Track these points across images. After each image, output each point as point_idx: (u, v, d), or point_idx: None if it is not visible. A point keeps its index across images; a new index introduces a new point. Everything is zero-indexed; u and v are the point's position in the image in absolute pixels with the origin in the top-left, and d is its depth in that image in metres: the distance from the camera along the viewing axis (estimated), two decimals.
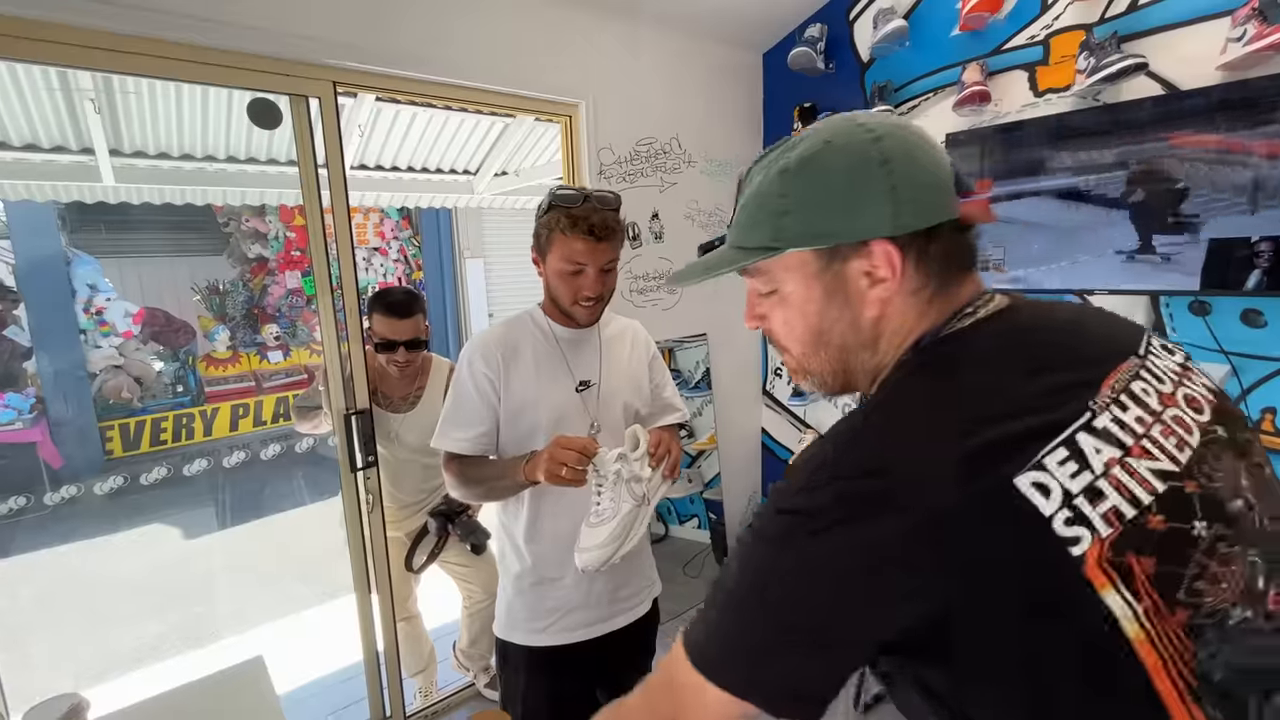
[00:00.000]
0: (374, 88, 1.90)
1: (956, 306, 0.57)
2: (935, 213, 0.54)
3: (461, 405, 1.21)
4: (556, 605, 1.25)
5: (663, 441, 1.13)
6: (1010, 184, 2.00)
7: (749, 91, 2.84)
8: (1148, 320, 1.87)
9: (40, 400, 5.15)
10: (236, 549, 4.12)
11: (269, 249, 6.40)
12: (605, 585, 1.27)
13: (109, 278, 5.56)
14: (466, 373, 1.21)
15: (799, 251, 0.57)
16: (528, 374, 1.21)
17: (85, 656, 2.92)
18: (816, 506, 0.49)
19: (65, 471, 5.04)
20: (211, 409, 6.00)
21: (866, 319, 0.58)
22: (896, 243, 0.54)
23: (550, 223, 1.15)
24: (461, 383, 1.21)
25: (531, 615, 1.25)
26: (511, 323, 1.27)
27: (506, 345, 1.21)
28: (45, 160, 3.43)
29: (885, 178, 0.53)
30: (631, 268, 2.50)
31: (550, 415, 1.20)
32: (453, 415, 1.22)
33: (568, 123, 2.30)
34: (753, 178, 0.61)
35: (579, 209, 1.14)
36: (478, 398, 1.20)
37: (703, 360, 2.83)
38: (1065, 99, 1.93)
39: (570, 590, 1.25)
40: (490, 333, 1.24)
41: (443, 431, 1.22)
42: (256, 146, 3.83)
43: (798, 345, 0.63)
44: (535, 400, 1.20)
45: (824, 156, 0.55)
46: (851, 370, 0.62)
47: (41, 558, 3.98)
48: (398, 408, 1.98)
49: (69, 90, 3.00)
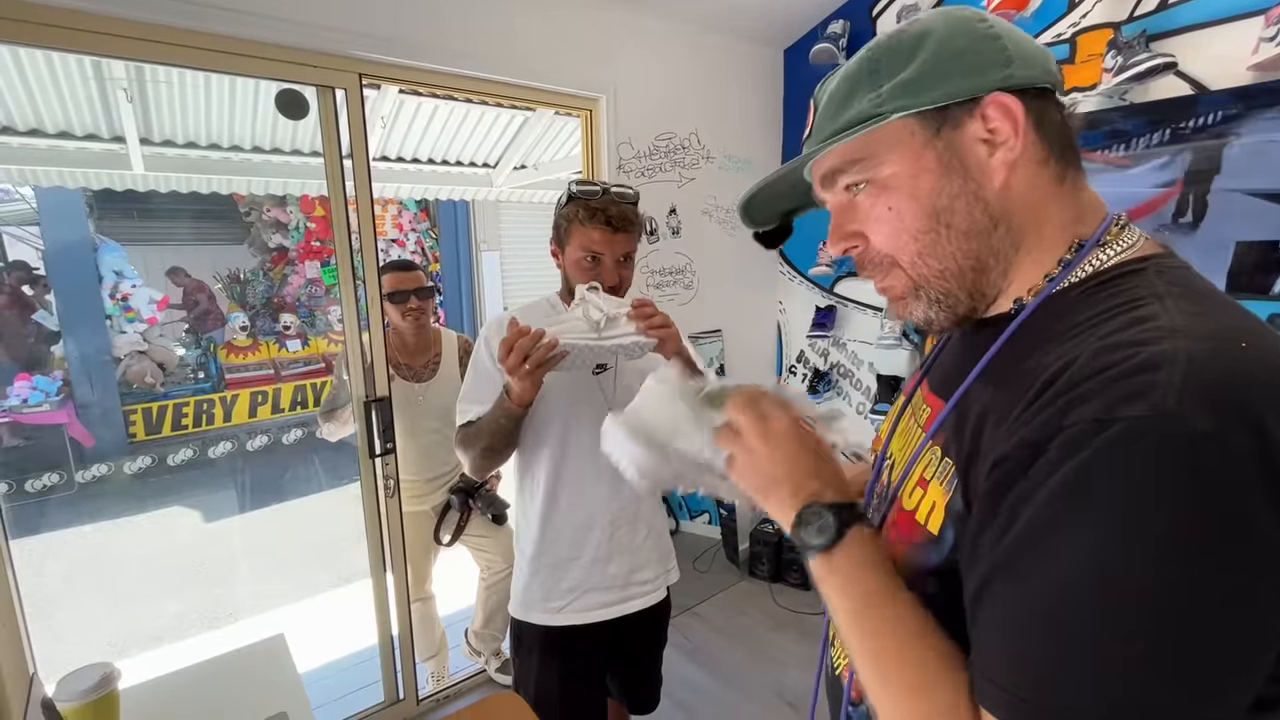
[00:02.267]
0: (399, 80, 1.92)
1: (1099, 213, 0.50)
2: (1047, 75, 0.48)
3: (478, 381, 1.24)
4: (572, 586, 1.27)
5: (650, 306, 1.09)
6: None
7: (769, 88, 2.83)
8: None
9: (67, 383, 5.27)
10: (256, 532, 4.20)
11: (289, 239, 6.49)
12: (621, 567, 1.29)
13: (133, 265, 5.67)
14: (484, 350, 1.24)
15: (904, 119, 0.48)
16: None
17: (110, 631, 3.00)
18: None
19: (93, 452, 5.16)
20: (231, 395, 6.11)
21: (992, 190, 0.48)
22: (1016, 97, 0.47)
23: (569, 214, 1.18)
24: (479, 360, 1.25)
25: (547, 595, 1.27)
26: (531, 306, 1.29)
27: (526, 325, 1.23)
28: (78, 148, 3.50)
29: (993, 40, 0.48)
30: (649, 263, 2.51)
31: (567, 398, 1.22)
32: (470, 391, 1.25)
33: (588, 116, 2.31)
34: (827, 84, 0.54)
35: (598, 201, 1.16)
36: (496, 373, 1.21)
37: (717, 356, 2.84)
38: (1091, 98, 1.91)
39: (586, 571, 1.27)
40: (509, 313, 1.25)
41: (461, 408, 1.25)
42: (281, 137, 3.89)
43: (912, 241, 0.50)
44: (552, 383, 1.21)
45: (921, 26, 0.49)
46: (986, 266, 0.50)
47: (69, 536, 4.09)
48: (420, 376, 2.04)
49: (102, 79, 3.06)
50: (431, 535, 2.11)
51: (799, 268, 2.92)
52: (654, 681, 1.50)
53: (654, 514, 1.36)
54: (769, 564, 2.89)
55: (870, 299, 2.63)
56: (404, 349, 2.04)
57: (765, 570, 2.91)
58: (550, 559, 1.27)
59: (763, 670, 2.30)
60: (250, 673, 1.18)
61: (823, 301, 2.81)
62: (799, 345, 2.97)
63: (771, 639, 2.49)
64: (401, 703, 2.09)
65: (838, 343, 2.79)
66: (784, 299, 3.01)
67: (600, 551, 1.27)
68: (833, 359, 2.82)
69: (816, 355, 2.90)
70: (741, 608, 2.71)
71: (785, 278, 2.99)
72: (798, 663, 2.34)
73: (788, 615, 2.65)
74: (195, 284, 6.17)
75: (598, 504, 1.25)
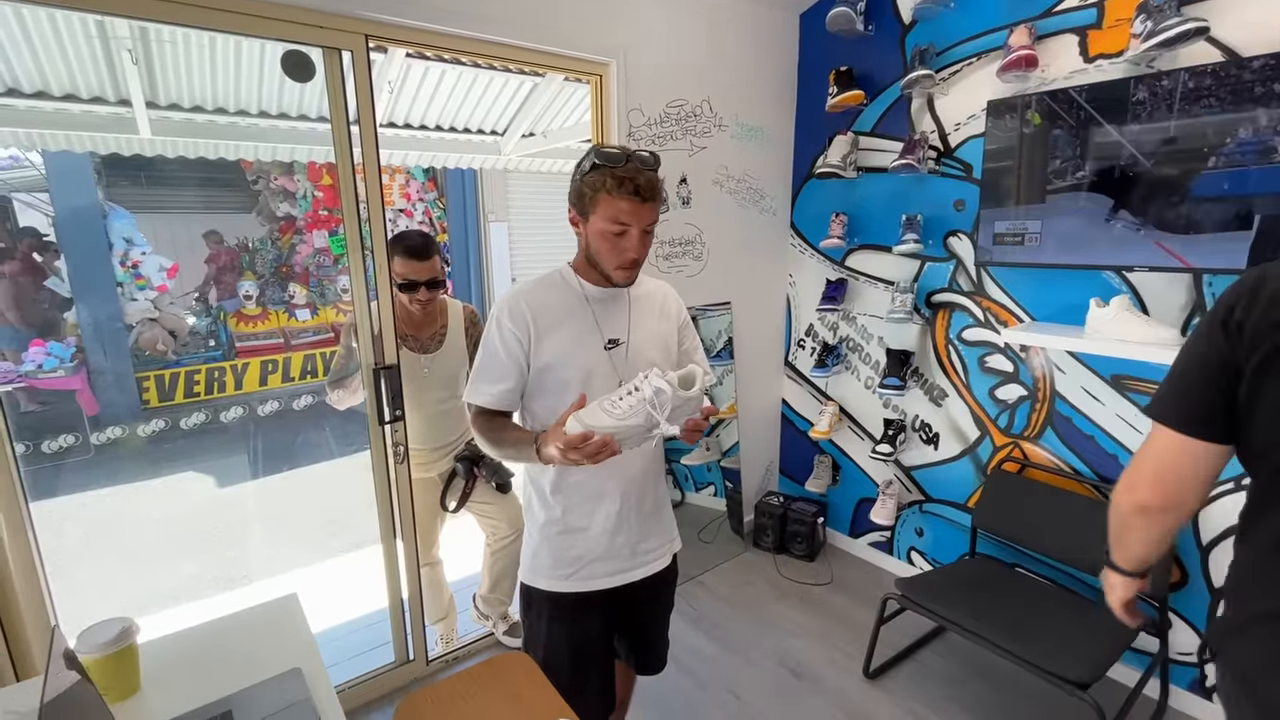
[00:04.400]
0: (406, 42, 1.88)
1: None
2: None
3: (490, 360, 1.23)
4: (581, 554, 1.28)
5: (700, 420, 1.12)
6: (1053, 154, 1.93)
7: (784, 53, 2.76)
8: (1188, 300, 1.82)
9: (80, 350, 5.33)
10: (267, 498, 4.28)
11: (297, 208, 6.47)
12: (628, 538, 1.30)
13: (142, 232, 5.68)
14: (495, 329, 1.21)
15: None
16: (558, 331, 1.21)
17: (128, 590, 3.08)
18: None
19: (103, 418, 5.24)
20: (242, 364, 6.15)
21: None
22: None
23: (595, 182, 1.12)
24: (491, 339, 1.22)
25: (556, 563, 1.29)
26: (542, 280, 1.27)
27: (536, 303, 1.22)
28: (84, 111, 3.48)
29: None
30: (658, 233, 2.47)
31: (579, 373, 1.21)
32: (482, 370, 1.23)
33: (598, 82, 2.26)
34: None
35: (624, 169, 1.11)
36: (505, 354, 1.21)
37: (725, 329, 2.83)
38: (1117, 65, 1.85)
39: (595, 540, 1.28)
40: (520, 289, 1.24)
41: (472, 386, 1.24)
42: (287, 102, 3.84)
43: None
44: (565, 358, 1.21)
45: None
46: None
47: (86, 499, 4.17)
48: (426, 348, 2.04)
49: (106, 39, 3.02)
50: (438, 502, 2.14)
51: (810, 240, 2.88)
52: (661, 644, 1.53)
53: (659, 487, 1.37)
54: (773, 535, 2.92)
55: (882, 273, 2.60)
56: (410, 322, 2.03)
57: (769, 541, 2.93)
58: (561, 527, 1.28)
59: (766, 638, 2.34)
60: (265, 630, 1.21)
61: (833, 274, 2.78)
62: (808, 319, 2.95)
63: (775, 609, 2.52)
64: (411, 663, 2.14)
65: (847, 316, 2.77)
66: (794, 272, 2.98)
67: (609, 523, 1.28)
68: (842, 333, 2.80)
69: (825, 329, 2.88)
70: (746, 578, 2.75)
71: (796, 250, 2.95)
72: (801, 631, 2.37)
73: (791, 586, 2.68)
74: (229, 251, 6.21)
75: (608, 477, 1.25)
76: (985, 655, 2.20)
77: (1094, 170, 1.86)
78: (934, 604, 1.95)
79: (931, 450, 2.55)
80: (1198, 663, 1.93)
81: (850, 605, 2.54)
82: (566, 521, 1.28)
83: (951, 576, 2.16)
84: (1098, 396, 2.06)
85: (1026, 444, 2.26)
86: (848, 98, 2.48)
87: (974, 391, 2.38)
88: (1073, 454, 2.14)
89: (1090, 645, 1.73)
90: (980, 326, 2.32)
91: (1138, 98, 1.75)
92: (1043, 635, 1.78)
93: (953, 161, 2.31)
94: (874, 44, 2.48)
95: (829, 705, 2.01)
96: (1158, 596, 1.89)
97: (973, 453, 2.41)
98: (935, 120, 2.34)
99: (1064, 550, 2.04)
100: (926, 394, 2.53)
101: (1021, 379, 2.24)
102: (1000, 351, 2.28)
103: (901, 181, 2.45)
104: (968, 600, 1.97)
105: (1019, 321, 2.20)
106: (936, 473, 2.55)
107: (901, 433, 2.60)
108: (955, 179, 2.31)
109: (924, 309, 2.48)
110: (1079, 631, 1.80)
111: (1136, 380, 1.96)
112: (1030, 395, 2.22)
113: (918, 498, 2.63)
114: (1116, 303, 1.83)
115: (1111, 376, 2.02)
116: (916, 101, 2.39)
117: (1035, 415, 2.22)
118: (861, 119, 2.58)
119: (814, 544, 2.87)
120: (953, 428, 2.46)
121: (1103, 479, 2.07)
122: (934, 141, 2.35)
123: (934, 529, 2.60)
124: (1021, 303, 2.20)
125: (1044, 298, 2.14)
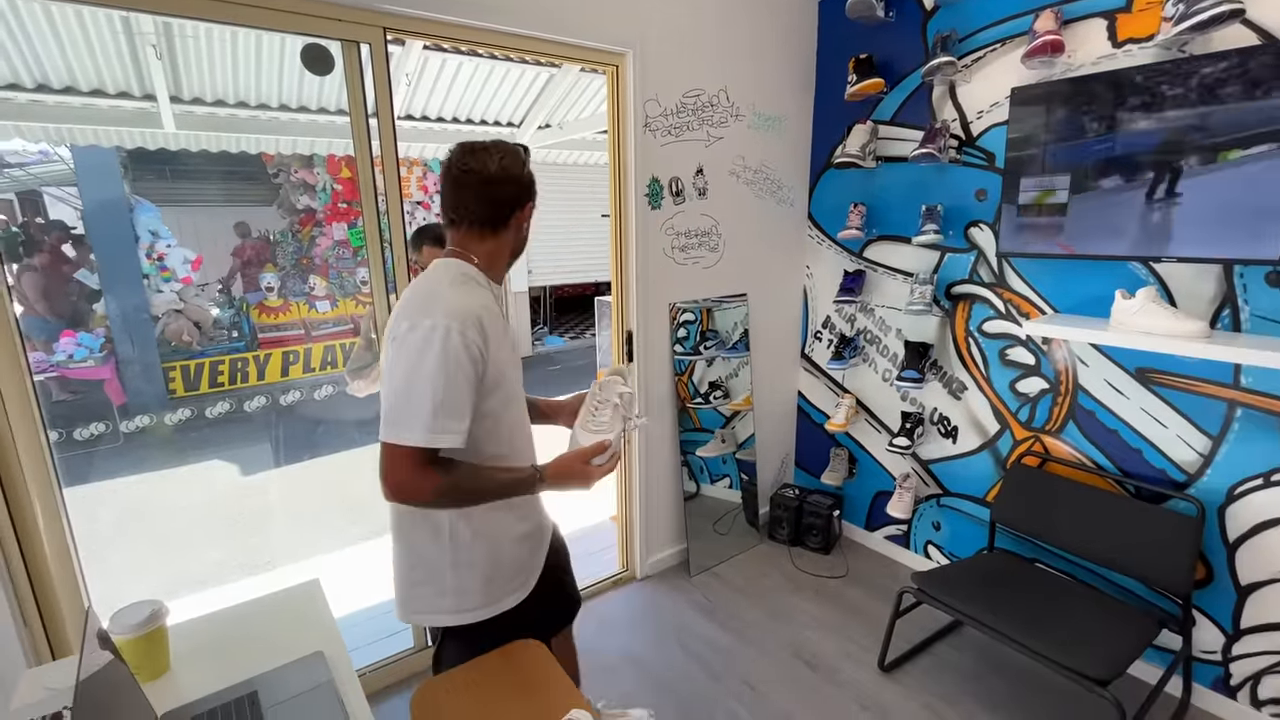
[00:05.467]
0: (423, 33, 1.89)
1: None
2: None
3: (459, 388, 1.01)
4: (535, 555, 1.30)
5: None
6: (1080, 142, 1.89)
7: (802, 41, 2.73)
8: (1219, 291, 1.78)
9: (109, 340, 5.46)
10: (290, 486, 4.36)
11: (317, 200, 6.54)
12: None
13: (167, 225, 5.78)
14: (459, 345, 1.01)
15: None
16: (501, 338, 1.12)
17: (157, 575, 3.17)
18: None
19: (131, 407, 5.37)
20: (264, 355, 6.26)
21: None
22: None
23: (531, 176, 1.19)
24: (453, 361, 1.01)
25: (518, 571, 1.25)
26: (465, 283, 1.11)
27: (481, 309, 1.07)
28: (111, 105, 3.55)
29: None
30: (674, 224, 2.47)
31: (515, 381, 1.17)
32: (449, 403, 1.01)
33: (614, 73, 2.26)
34: None
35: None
36: (473, 374, 1.04)
37: (741, 321, 2.81)
38: (1147, 50, 1.80)
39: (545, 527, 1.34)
40: (459, 296, 1.06)
41: (435, 425, 0.99)
42: (307, 95, 3.88)
43: None
44: (508, 366, 1.14)
45: None
46: None
47: (117, 485, 4.29)
48: None
49: (131, 34, 3.08)
50: None
51: (828, 231, 2.85)
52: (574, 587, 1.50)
53: None
54: (789, 528, 2.92)
55: (901, 264, 2.57)
56: None
57: (785, 534, 2.93)
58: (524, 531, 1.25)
59: (781, 630, 2.34)
60: (288, 614, 1.24)
61: (851, 266, 2.75)
62: (825, 311, 2.93)
63: (790, 601, 2.52)
64: (430, 649, 2.18)
65: (865, 308, 2.74)
66: (811, 263, 2.96)
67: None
68: (859, 325, 2.78)
69: (843, 321, 2.85)
70: (761, 570, 2.75)
71: (814, 241, 2.93)
72: (815, 623, 2.37)
73: (806, 578, 2.68)
74: (257, 244, 6.31)
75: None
76: (1002, 650, 2.19)
77: (1121, 158, 1.82)
78: (951, 598, 1.94)
79: (950, 444, 2.52)
80: (1222, 660, 1.90)
81: (866, 598, 2.53)
82: (534, 523, 1.27)
83: (969, 571, 2.14)
84: (1122, 390, 2.02)
85: (1048, 438, 2.22)
86: (867, 85, 2.44)
87: (994, 384, 2.35)
88: (1095, 448, 2.10)
89: (1111, 641, 1.71)
90: (1001, 318, 2.29)
91: (1167, 83, 1.70)
92: (1062, 631, 1.76)
93: (974, 150, 2.27)
94: (894, 30, 2.44)
95: (843, 697, 2.01)
96: (1182, 594, 1.86)
97: (992, 446, 2.39)
98: (957, 108, 2.30)
99: (1086, 545, 2.01)
100: (945, 387, 2.50)
101: (1043, 372, 2.20)
102: (1022, 344, 2.25)
103: (922, 171, 2.42)
104: (985, 594, 1.95)
105: (1041, 313, 2.16)
106: (954, 466, 2.52)
107: (919, 426, 2.57)
108: (977, 168, 2.27)
109: (943, 301, 2.45)
110: (1100, 627, 1.78)
111: (1162, 374, 1.92)
112: (1052, 388, 2.19)
113: (935, 491, 2.61)
114: (1143, 294, 1.79)
115: (1136, 370, 1.98)
116: (938, 89, 2.35)
117: (1057, 409, 2.18)
118: (881, 107, 2.54)
119: (829, 537, 2.87)
120: (972, 421, 2.43)
121: (1126, 474, 2.03)
122: (955, 130, 2.31)
123: (951, 523, 2.57)
124: (1044, 294, 2.16)
125: (1067, 289, 2.10)
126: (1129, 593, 2.05)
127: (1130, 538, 1.91)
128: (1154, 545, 1.85)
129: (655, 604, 2.51)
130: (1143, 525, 1.90)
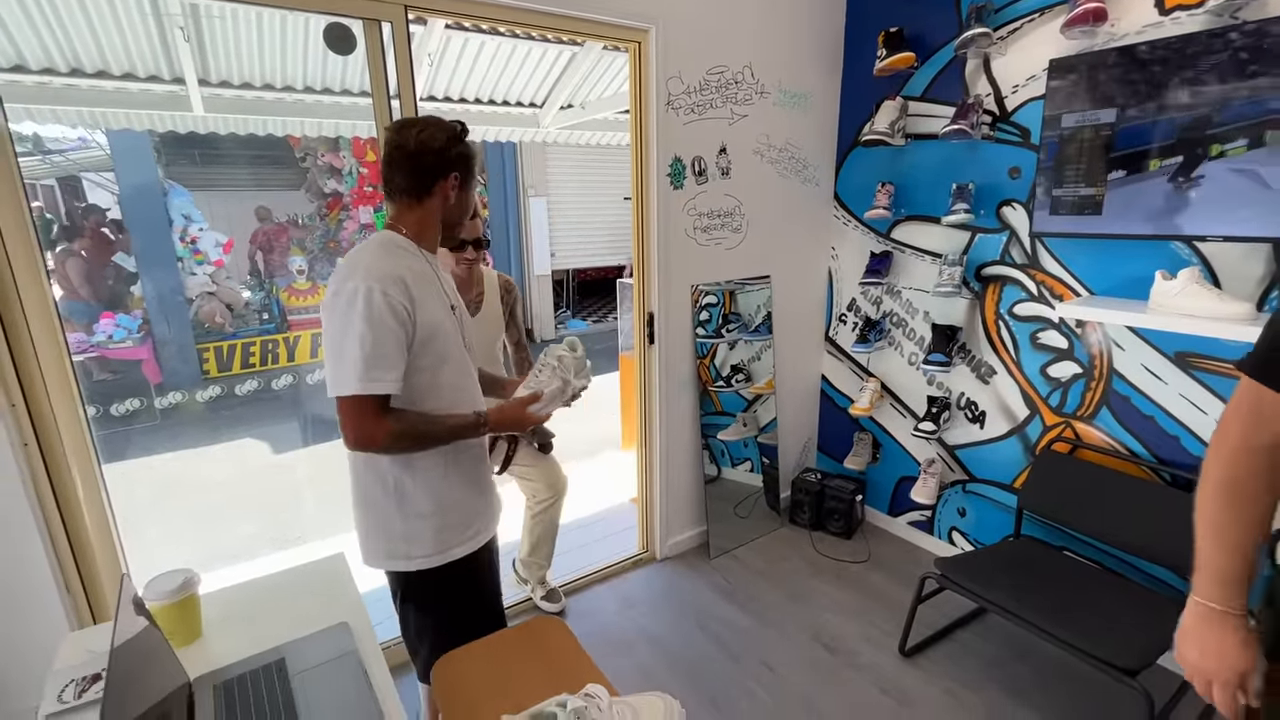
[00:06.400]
0: (444, 11, 1.88)
1: None
2: None
3: (384, 340, 1.10)
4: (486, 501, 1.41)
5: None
6: (1122, 115, 1.81)
7: (830, 15, 2.65)
8: (1268, 271, 1.70)
9: (146, 321, 5.62)
10: (318, 463, 4.46)
11: (343, 184, 6.61)
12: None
13: (199, 209, 5.91)
14: (381, 303, 1.09)
15: None
16: (431, 299, 1.20)
17: (190, 547, 3.28)
18: None
19: (166, 386, 5.55)
20: (294, 336, 6.39)
21: None
22: None
23: (469, 150, 1.25)
24: (377, 316, 1.09)
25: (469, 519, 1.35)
26: (388, 249, 1.19)
27: (405, 270, 1.16)
28: (142, 89, 3.61)
29: None
30: (696, 204, 2.44)
31: (449, 340, 1.23)
32: (379, 354, 1.10)
33: (636, 49, 2.22)
34: None
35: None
36: (399, 329, 1.12)
37: (764, 304, 2.78)
38: (1196, 17, 1.71)
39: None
40: (379, 260, 1.15)
41: (368, 375, 1.09)
42: (331, 76, 3.91)
43: None
44: (439, 325, 1.20)
45: None
46: None
47: (154, 462, 4.44)
48: (469, 312, 2.09)
49: (160, 16, 3.12)
50: None
51: (854, 211, 2.79)
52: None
53: None
54: (810, 512, 2.90)
55: (930, 245, 2.51)
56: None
57: (806, 518, 2.92)
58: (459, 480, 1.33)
59: (801, 613, 2.34)
60: (315, 586, 1.27)
61: (878, 247, 2.69)
62: (850, 293, 2.88)
63: (811, 584, 2.51)
64: None
65: (891, 290, 2.68)
66: (836, 244, 2.90)
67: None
68: (886, 307, 2.72)
69: (869, 303, 2.80)
70: (781, 553, 2.74)
71: (839, 222, 2.87)
72: (836, 607, 2.36)
73: (827, 562, 2.67)
74: (273, 228, 6.42)
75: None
76: (1027, 638, 2.15)
77: (1165, 132, 1.74)
78: (974, 584, 1.91)
79: (977, 429, 2.47)
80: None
81: (887, 583, 2.51)
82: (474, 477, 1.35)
83: (994, 557, 2.10)
84: (1160, 375, 1.95)
85: (1079, 424, 2.16)
86: (897, 60, 2.37)
87: (1024, 369, 2.29)
88: (1130, 435, 2.04)
89: (1141, 631, 1.67)
90: (1033, 301, 2.22)
91: (1218, 52, 1.62)
92: (1090, 620, 1.73)
93: (1009, 126, 2.19)
94: (926, 3, 2.35)
95: (863, 680, 2.00)
96: None
97: (1021, 432, 2.33)
98: (991, 82, 2.22)
99: (1117, 533, 1.96)
100: (973, 371, 2.44)
101: (1076, 356, 2.14)
102: (1054, 327, 2.18)
103: (953, 148, 2.34)
104: (1011, 581, 1.92)
105: (1075, 295, 2.10)
106: (981, 452, 2.48)
107: (946, 410, 2.52)
108: (1011, 145, 2.19)
109: (973, 282, 2.39)
110: (1129, 617, 1.74)
111: (1204, 358, 1.85)
112: (1085, 373, 2.12)
113: (961, 477, 2.56)
114: (1185, 275, 1.72)
115: (1176, 354, 1.91)
116: (971, 63, 2.26)
117: (1090, 394, 2.12)
118: (911, 83, 2.46)
119: (851, 521, 2.84)
120: (1000, 406, 2.38)
121: (1161, 461, 1.97)
122: (989, 105, 2.23)
123: (977, 509, 2.53)
124: (1079, 275, 2.09)
125: (1104, 270, 2.02)
126: (1160, 582, 1.99)
127: (1164, 526, 1.85)
128: (1188, 534, 1.80)
129: (675, 585, 2.52)
130: (1177, 513, 1.84)
